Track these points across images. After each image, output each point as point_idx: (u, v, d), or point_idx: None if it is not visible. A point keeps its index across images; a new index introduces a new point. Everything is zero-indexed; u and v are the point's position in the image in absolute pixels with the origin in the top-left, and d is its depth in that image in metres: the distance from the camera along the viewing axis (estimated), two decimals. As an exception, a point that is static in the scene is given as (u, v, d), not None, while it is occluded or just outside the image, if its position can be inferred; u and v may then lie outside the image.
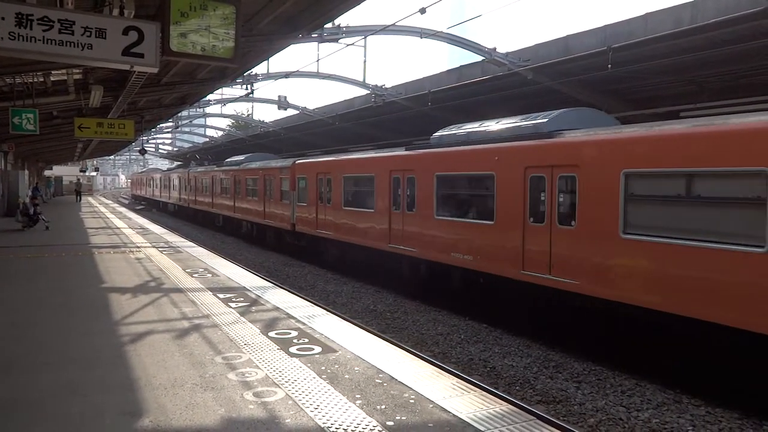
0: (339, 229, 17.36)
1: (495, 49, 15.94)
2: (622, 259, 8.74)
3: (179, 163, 64.08)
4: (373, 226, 15.41)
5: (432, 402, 4.91)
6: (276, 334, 7.03)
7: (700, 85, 14.54)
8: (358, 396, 5.02)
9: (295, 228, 20.68)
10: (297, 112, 28.81)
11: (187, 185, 38.57)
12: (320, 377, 5.47)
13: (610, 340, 9.68)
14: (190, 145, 57.59)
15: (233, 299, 9.07)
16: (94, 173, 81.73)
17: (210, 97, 25.97)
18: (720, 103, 10.15)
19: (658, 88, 15.92)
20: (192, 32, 6.90)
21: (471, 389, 5.29)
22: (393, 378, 5.49)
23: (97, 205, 43.14)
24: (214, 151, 47.84)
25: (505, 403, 5.04)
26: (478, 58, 16.78)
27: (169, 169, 52.81)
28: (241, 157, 29.10)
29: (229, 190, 28.59)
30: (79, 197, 47.76)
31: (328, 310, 9.17)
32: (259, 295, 9.51)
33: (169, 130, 48.03)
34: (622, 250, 8.72)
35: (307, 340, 6.75)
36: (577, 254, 9.47)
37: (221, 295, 9.35)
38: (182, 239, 19.66)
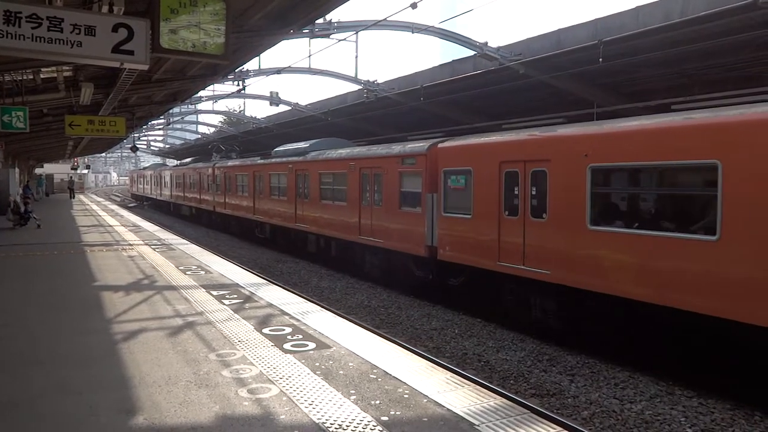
0: (578, 265, 9.49)
1: (486, 43, 15.92)
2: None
3: (181, 158, 56.57)
4: (707, 268, 7.75)
5: (426, 397, 4.93)
6: (270, 330, 7.03)
7: (691, 77, 14.60)
8: (353, 391, 5.03)
9: (436, 253, 12.90)
10: (289, 108, 28.73)
11: (212, 183, 30.47)
12: (315, 373, 5.48)
13: (603, 333, 9.73)
14: (182, 141, 57.25)
15: (227, 296, 9.06)
16: (86, 171, 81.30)
17: (201, 93, 25.80)
18: (711, 96, 10.19)
19: (650, 81, 15.96)
20: (182, 29, 6.87)
21: (465, 383, 5.32)
22: (387, 373, 5.51)
23: (89, 203, 42.92)
24: (244, 140, 39.25)
25: (499, 397, 5.07)
26: (471, 52, 16.78)
27: (182, 164, 42.42)
28: (303, 144, 21.05)
29: (285, 191, 21.04)
30: (72, 194, 48.34)
31: (322, 306, 9.18)
32: (253, 291, 9.50)
33: (161, 127, 47.88)
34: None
35: (301, 337, 6.76)
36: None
37: (215, 293, 9.33)
38: (175, 236, 19.60)
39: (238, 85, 22.44)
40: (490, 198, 11.41)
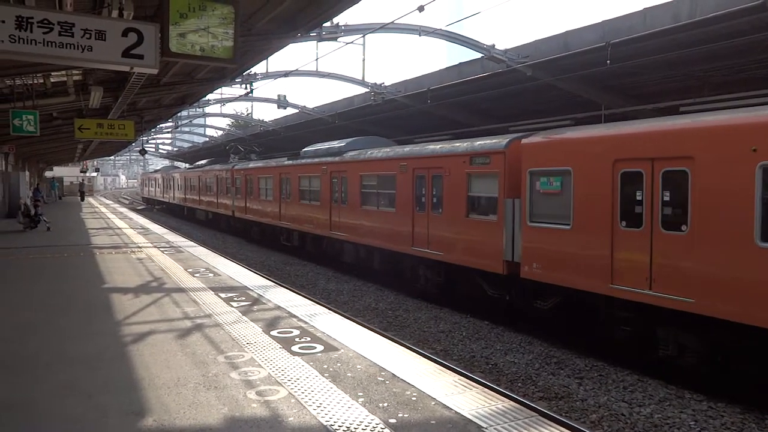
0: (741, 293, 7.41)
1: (494, 45, 15.92)
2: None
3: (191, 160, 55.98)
4: None
5: (434, 399, 4.93)
6: (278, 333, 7.05)
7: (700, 79, 14.53)
8: (361, 394, 5.04)
9: (517, 270, 10.83)
10: (296, 110, 28.82)
11: (230, 187, 28.70)
12: (322, 375, 5.50)
13: (611, 336, 9.69)
14: (190, 144, 57.50)
15: (235, 298, 9.09)
16: (95, 174, 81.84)
17: (209, 96, 25.94)
18: (721, 98, 10.14)
19: (658, 83, 15.90)
20: (191, 33, 6.92)
21: (473, 386, 5.31)
22: (395, 376, 5.51)
23: (98, 205, 43.19)
24: (252, 142, 36.38)
25: (507, 400, 5.07)
26: (478, 55, 16.78)
27: (197, 166, 39.63)
28: (338, 144, 19.04)
29: (318, 195, 19.02)
30: (82, 197, 49.09)
31: (329, 309, 9.21)
32: (261, 294, 9.53)
33: (169, 130, 48.12)
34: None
35: (309, 339, 6.77)
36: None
37: (223, 295, 9.37)
38: (183, 239, 19.69)
39: (246, 88, 22.54)
40: (598, 205, 9.28)
